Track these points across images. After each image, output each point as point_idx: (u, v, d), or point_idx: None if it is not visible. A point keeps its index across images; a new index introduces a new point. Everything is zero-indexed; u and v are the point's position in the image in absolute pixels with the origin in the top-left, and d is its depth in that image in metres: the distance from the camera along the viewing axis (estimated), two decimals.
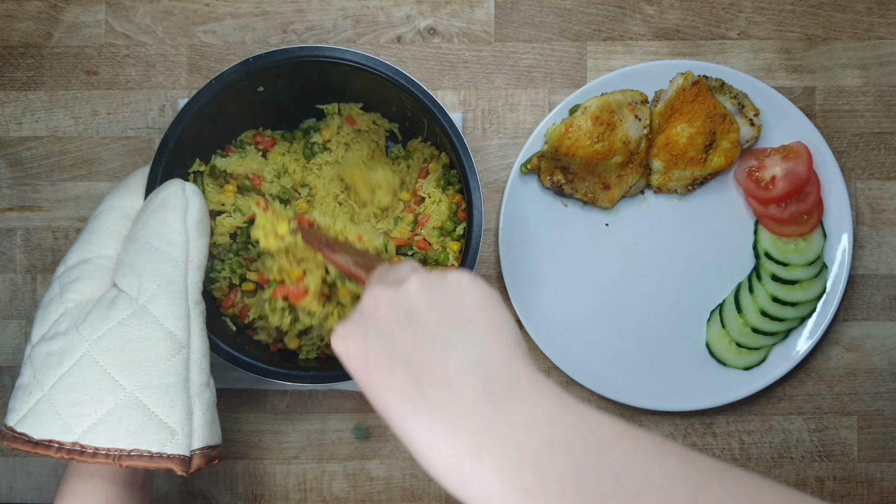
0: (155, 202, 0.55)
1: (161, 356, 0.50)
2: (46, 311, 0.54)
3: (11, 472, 0.70)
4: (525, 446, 0.32)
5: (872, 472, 0.70)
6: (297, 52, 0.58)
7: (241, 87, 0.60)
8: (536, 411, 0.33)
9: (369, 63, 0.58)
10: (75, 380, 0.49)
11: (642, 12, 0.70)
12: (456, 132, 0.58)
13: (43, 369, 0.51)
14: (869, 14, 0.70)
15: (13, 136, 0.70)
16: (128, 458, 0.48)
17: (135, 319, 0.51)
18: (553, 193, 0.68)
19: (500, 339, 0.37)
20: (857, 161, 0.70)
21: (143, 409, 0.49)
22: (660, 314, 0.69)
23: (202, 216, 0.56)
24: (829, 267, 0.68)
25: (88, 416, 0.49)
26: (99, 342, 0.50)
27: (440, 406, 0.34)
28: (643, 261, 0.69)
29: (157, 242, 0.53)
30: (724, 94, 0.67)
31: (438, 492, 0.69)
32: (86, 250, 0.56)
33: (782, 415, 0.70)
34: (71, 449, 0.48)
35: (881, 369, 0.70)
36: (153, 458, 0.49)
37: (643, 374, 0.68)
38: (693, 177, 0.67)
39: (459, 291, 0.38)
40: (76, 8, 0.70)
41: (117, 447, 0.48)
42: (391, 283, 0.40)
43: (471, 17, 0.70)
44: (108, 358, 0.50)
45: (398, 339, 0.37)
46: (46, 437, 0.49)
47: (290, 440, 0.70)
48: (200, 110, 0.59)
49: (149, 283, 0.52)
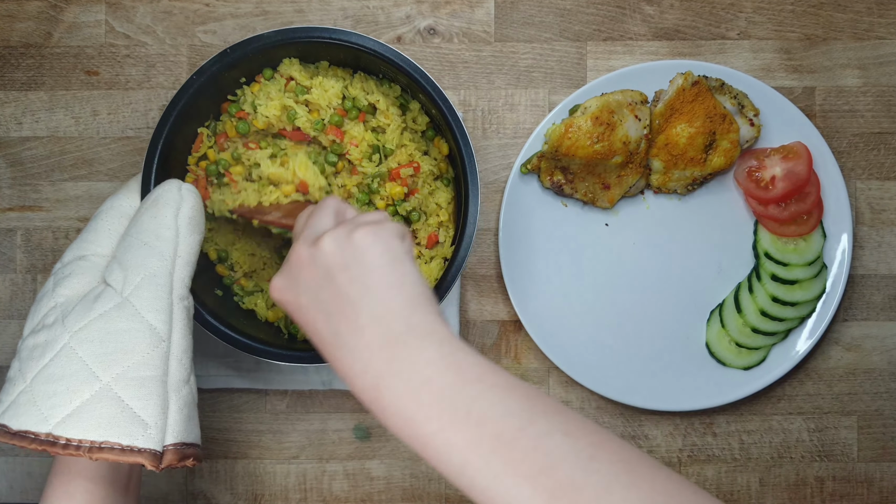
0: (149, 201, 0.56)
1: (139, 349, 0.50)
2: (38, 306, 0.54)
3: (12, 471, 0.70)
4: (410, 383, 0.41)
5: (872, 472, 0.70)
6: (274, 37, 0.59)
7: (225, 79, 0.60)
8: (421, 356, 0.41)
9: (349, 38, 0.59)
10: (54, 371, 0.49)
11: (642, 12, 0.70)
12: (458, 123, 0.59)
13: (28, 361, 0.51)
14: (869, 14, 0.70)
15: (13, 136, 0.70)
16: (98, 450, 0.48)
17: (116, 312, 0.51)
18: (553, 193, 0.68)
19: (401, 293, 0.44)
20: (857, 161, 0.70)
21: (118, 401, 0.49)
22: (660, 314, 0.69)
23: (195, 213, 0.55)
24: (829, 267, 0.68)
25: (63, 407, 0.48)
26: (79, 333, 0.50)
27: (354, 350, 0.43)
28: (643, 261, 0.69)
29: (146, 238, 0.53)
30: (723, 94, 0.67)
31: (439, 491, 0.70)
32: (82, 248, 0.56)
33: (782, 415, 0.70)
34: (44, 440, 0.48)
35: (881, 369, 0.70)
36: (124, 451, 0.48)
37: (643, 374, 0.68)
38: (693, 177, 0.67)
39: (365, 251, 0.45)
40: (76, 8, 0.70)
41: (89, 439, 0.48)
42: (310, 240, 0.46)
43: (471, 17, 0.70)
44: (87, 349, 0.50)
45: (321, 295, 0.45)
46: (23, 428, 0.48)
47: (290, 440, 0.70)
48: (185, 107, 0.59)
49: (133, 276, 0.52)
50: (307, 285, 0.45)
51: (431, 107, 0.61)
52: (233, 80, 0.62)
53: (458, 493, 0.69)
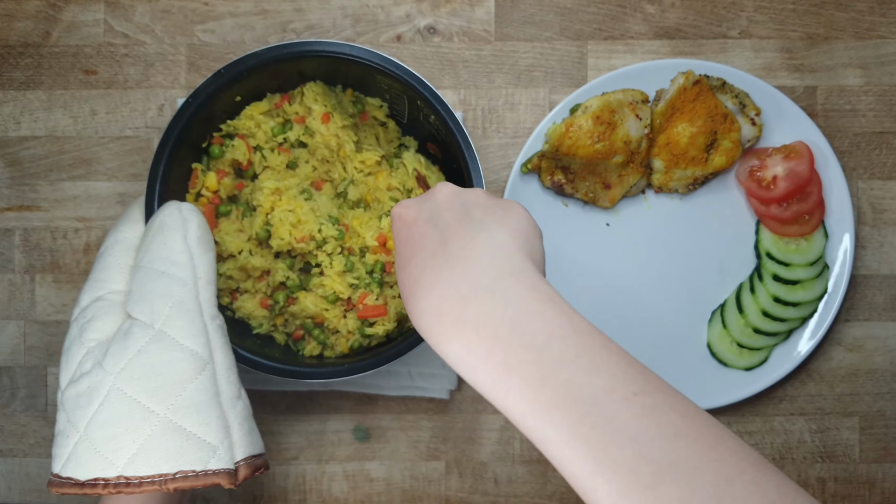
0: (154, 227, 0.55)
1: (187, 376, 0.51)
2: (69, 355, 0.54)
3: (11, 472, 0.70)
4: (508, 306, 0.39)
5: (874, 473, 0.69)
6: (266, 54, 0.58)
7: (221, 99, 0.60)
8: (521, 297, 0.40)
9: (343, 50, 0.59)
10: (107, 415, 0.50)
11: (643, 11, 0.70)
12: (459, 127, 0.58)
13: (75, 411, 0.51)
14: (870, 13, 0.70)
15: (11, 136, 0.70)
16: (173, 480, 0.49)
17: (154, 345, 0.51)
18: (553, 193, 0.68)
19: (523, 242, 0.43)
20: (859, 161, 0.70)
21: (180, 430, 0.50)
22: (661, 314, 0.69)
23: (203, 232, 0.56)
24: (831, 267, 0.68)
25: (127, 448, 0.49)
26: (123, 373, 0.50)
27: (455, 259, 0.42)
28: (644, 261, 0.69)
29: (161, 266, 0.53)
30: (725, 93, 0.66)
31: (438, 493, 0.69)
32: (97, 288, 0.56)
33: (784, 415, 0.69)
34: (117, 483, 0.48)
35: (883, 370, 0.69)
36: (199, 476, 0.49)
37: None
38: (694, 176, 0.67)
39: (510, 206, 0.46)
40: (75, 7, 0.70)
41: (161, 472, 0.49)
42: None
43: (471, 16, 0.70)
44: (136, 387, 0.50)
45: (444, 216, 0.45)
46: (91, 477, 0.49)
47: (290, 441, 0.70)
48: (181, 133, 0.59)
49: (161, 307, 0.52)
50: (436, 207, 0.46)
51: (430, 112, 0.60)
52: (230, 98, 0.62)
53: (458, 495, 0.69)
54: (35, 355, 0.70)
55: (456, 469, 0.69)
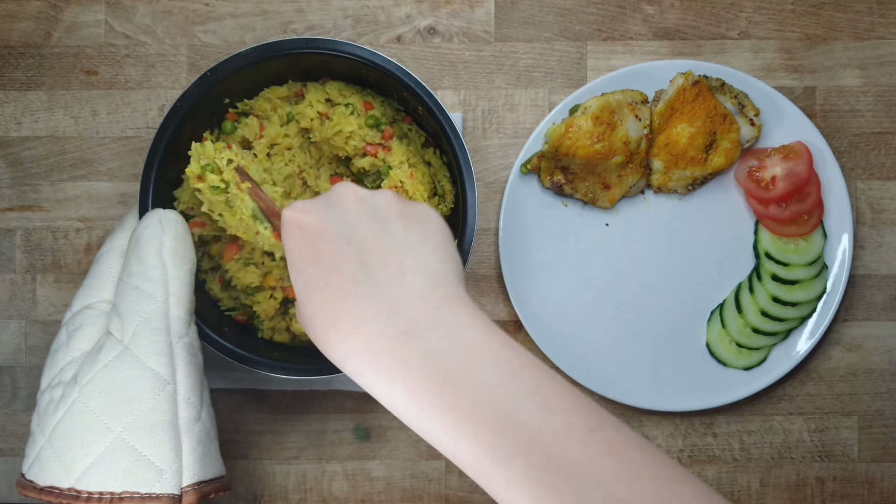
0: (132, 240, 0.55)
1: (144, 396, 0.50)
2: (54, 359, 0.54)
3: (11, 472, 0.70)
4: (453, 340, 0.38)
5: (873, 473, 0.70)
6: (252, 56, 0.58)
7: (209, 101, 0.60)
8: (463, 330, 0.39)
9: (332, 47, 0.59)
10: (68, 425, 0.50)
11: (643, 12, 0.70)
12: (452, 126, 0.58)
13: (44, 416, 0.52)
14: (869, 14, 0.70)
15: (12, 136, 0.70)
16: (119, 500, 0.49)
17: (118, 361, 0.51)
18: (553, 193, 0.68)
19: (450, 263, 0.42)
20: (858, 161, 0.70)
21: (132, 450, 0.50)
22: (660, 314, 0.69)
23: (179, 244, 0.54)
24: (830, 267, 0.68)
25: (82, 461, 0.49)
26: (87, 387, 0.50)
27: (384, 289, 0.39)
28: (643, 261, 0.69)
29: (136, 281, 0.53)
30: (724, 93, 0.67)
31: (438, 492, 0.69)
32: (87, 296, 0.56)
33: (783, 415, 0.70)
34: (68, 494, 0.49)
35: (881, 369, 0.70)
36: (143, 499, 0.49)
37: (643, 374, 0.68)
38: (693, 177, 0.67)
39: (426, 215, 0.43)
40: (76, 8, 0.70)
41: (108, 490, 0.49)
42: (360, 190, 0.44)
43: (471, 17, 0.70)
44: (97, 402, 0.50)
45: (358, 229, 0.41)
46: (48, 484, 0.50)
47: (290, 440, 0.70)
48: (171, 140, 0.59)
49: (129, 323, 0.52)
50: (344, 217, 0.42)
51: (418, 104, 0.60)
52: (219, 101, 0.62)
53: (458, 494, 0.69)
54: (36, 355, 0.70)
55: (456, 468, 0.69)
